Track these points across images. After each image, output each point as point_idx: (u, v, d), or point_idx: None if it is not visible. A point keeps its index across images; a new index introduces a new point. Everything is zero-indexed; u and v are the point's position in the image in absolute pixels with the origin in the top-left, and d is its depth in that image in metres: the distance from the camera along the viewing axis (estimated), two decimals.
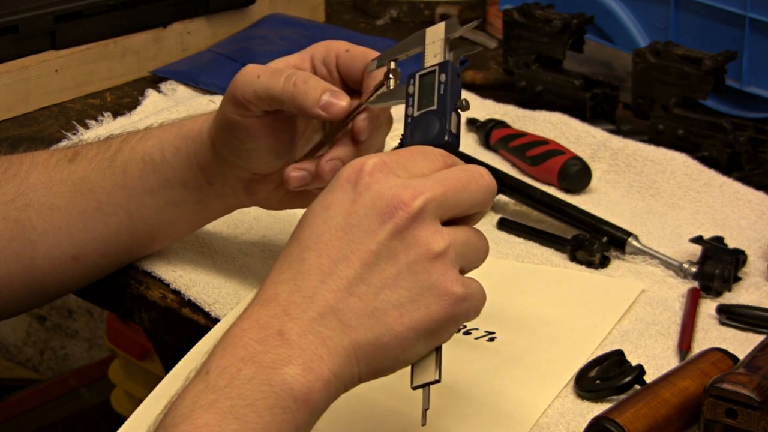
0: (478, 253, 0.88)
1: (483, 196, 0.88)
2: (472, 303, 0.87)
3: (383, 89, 1.02)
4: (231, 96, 1.04)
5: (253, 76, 1.03)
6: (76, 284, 1.16)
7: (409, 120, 0.97)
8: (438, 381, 0.87)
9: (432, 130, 0.94)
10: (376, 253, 0.84)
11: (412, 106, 0.97)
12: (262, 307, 0.84)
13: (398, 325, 0.84)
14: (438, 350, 0.88)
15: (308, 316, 0.83)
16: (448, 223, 0.87)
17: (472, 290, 0.87)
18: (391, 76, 1.02)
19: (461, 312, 0.86)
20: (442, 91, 0.96)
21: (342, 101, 1.02)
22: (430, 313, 0.85)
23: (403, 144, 0.95)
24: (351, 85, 1.08)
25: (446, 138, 0.93)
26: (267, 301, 0.84)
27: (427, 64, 1.00)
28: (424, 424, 0.88)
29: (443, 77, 0.97)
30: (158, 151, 1.10)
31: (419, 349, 0.86)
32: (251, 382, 0.81)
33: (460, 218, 0.88)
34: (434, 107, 0.96)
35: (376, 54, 1.06)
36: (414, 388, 0.88)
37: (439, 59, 0.99)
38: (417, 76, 0.99)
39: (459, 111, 0.96)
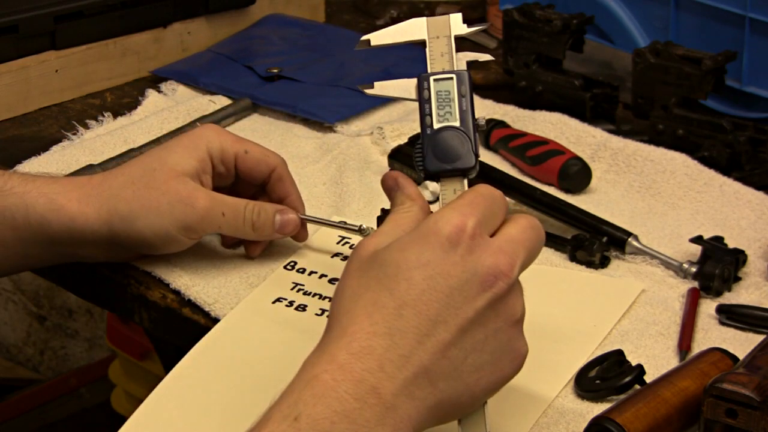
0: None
1: (541, 249, 0.92)
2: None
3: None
4: (187, 227, 1.11)
5: (218, 214, 1.12)
6: None
7: (428, 131, 0.95)
8: None
9: (459, 150, 0.95)
10: (472, 320, 0.87)
11: (430, 115, 0.96)
12: (355, 359, 0.84)
13: (476, 387, 0.88)
14: (485, 403, 0.90)
15: (403, 375, 0.85)
16: None
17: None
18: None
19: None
20: (464, 107, 0.96)
21: (290, 214, 1.15)
22: (504, 375, 0.89)
23: (423, 159, 0.95)
24: (251, 182, 1.16)
25: (474, 163, 0.95)
26: (361, 354, 0.84)
27: (431, 61, 0.98)
28: None
29: (463, 89, 0.96)
30: (23, 212, 1.12)
31: (480, 404, 0.90)
32: None
33: None
34: (456, 123, 0.95)
35: (274, 155, 1.15)
36: None
37: (447, 60, 0.97)
38: (431, 80, 0.97)
39: (477, 128, 0.96)
